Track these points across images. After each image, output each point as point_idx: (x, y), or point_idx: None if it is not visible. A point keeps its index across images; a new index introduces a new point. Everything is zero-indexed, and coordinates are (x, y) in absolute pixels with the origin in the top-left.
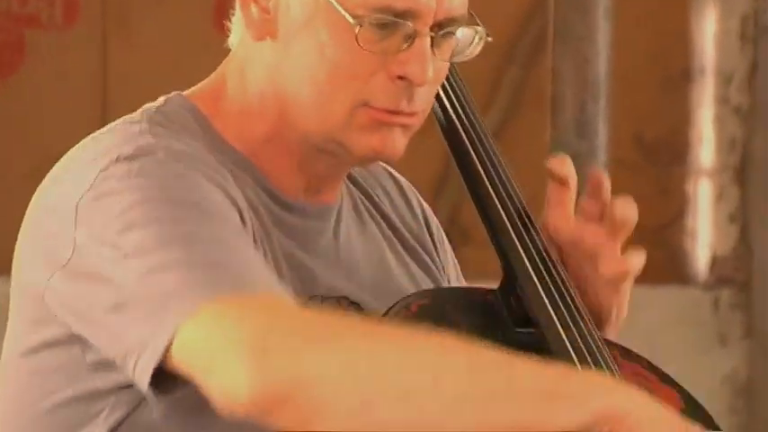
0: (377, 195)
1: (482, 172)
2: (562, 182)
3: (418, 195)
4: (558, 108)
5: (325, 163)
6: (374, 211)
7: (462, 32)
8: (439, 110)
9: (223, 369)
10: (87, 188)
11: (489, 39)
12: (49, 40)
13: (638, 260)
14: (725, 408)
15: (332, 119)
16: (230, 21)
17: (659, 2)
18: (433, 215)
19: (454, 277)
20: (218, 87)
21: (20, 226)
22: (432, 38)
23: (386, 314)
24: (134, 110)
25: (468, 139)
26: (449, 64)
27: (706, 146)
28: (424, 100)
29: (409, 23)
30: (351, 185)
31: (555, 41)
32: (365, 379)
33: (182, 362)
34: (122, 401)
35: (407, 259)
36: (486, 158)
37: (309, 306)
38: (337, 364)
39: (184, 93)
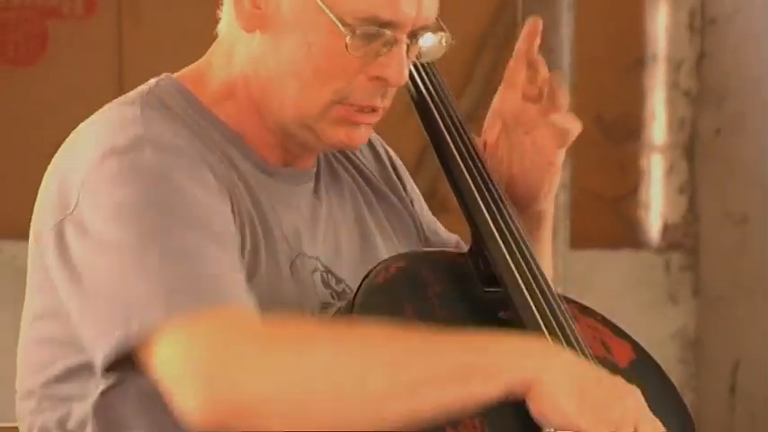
0: (353, 156)
1: (453, 147)
2: (530, 35)
3: (382, 141)
4: None
5: (297, 145)
6: (347, 164)
7: (431, 38)
8: (414, 90)
9: (179, 396)
10: (85, 174)
11: (453, 42)
12: (69, 30)
13: (572, 125)
14: (675, 359)
15: (309, 111)
16: (220, 9)
17: None
18: (396, 157)
19: (419, 208)
20: (205, 69)
21: None
22: (408, 44)
23: (367, 275)
24: None
25: (440, 115)
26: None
27: (658, 125)
28: (392, 96)
29: (389, 32)
30: (327, 153)
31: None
32: (297, 392)
33: (150, 367)
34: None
35: (378, 208)
36: (456, 135)
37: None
38: (272, 383)
39: (174, 75)
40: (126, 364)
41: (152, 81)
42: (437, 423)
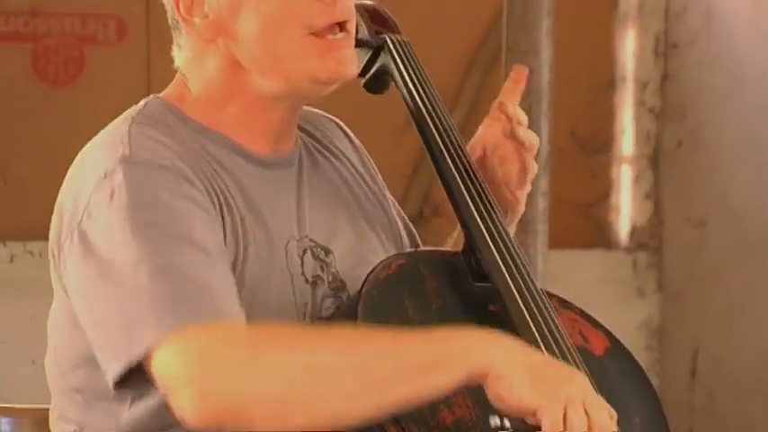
0: (329, 141)
1: (447, 157)
2: (515, 81)
3: (351, 133)
4: None
5: (281, 112)
6: (324, 151)
7: None
8: (411, 103)
9: (176, 400)
10: (86, 199)
11: None
12: (103, 54)
13: (533, 169)
14: (642, 347)
15: (289, 59)
16: (172, 53)
17: (589, 24)
18: (363, 148)
19: (389, 197)
20: (182, 87)
21: None
22: None
23: (371, 272)
24: None
25: (435, 127)
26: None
27: (626, 138)
28: (348, 8)
29: None
30: (303, 135)
31: (506, 55)
32: (279, 394)
33: (155, 377)
34: None
35: (359, 190)
36: (450, 144)
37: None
38: (257, 384)
39: (159, 94)
40: (138, 377)
41: (141, 102)
42: (432, 402)
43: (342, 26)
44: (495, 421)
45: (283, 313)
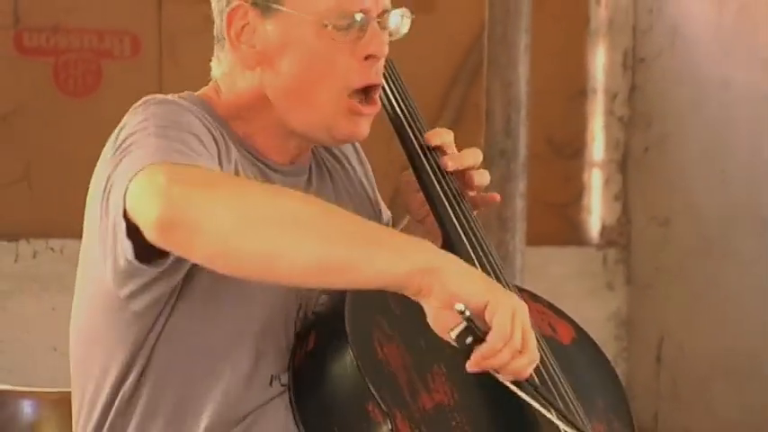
0: (334, 152)
1: (425, 162)
2: (487, 201)
3: (358, 147)
4: (490, 118)
5: (300, 142)
6: (332, 159)
7: (396, 15)
8: (392, 112)
9: (142, 214)
10: (116, 134)
11: (413, 16)
12: (119, 68)
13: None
14: (611, 336)
15: (321, 110)
16: (211, 63)
17: (564, 41)
18: (362, 152)
19: (373, 189)
20: (214, 92)
21: None
22: (378, 22)
23: None
24: None
25: (414, 134)
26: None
27: (597, 145)
28: (380, 72)
29: (360, 17)
30: (315, 149)
31: (488, 69)
32: (234, 213)
33: (130, 208)
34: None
35: (353, 192)
36: (426, 151)
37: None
38: (214, 203)
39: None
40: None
41: (176, 95)
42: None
43: (370, 94)
44: (457, 307)
45: (282, 305)
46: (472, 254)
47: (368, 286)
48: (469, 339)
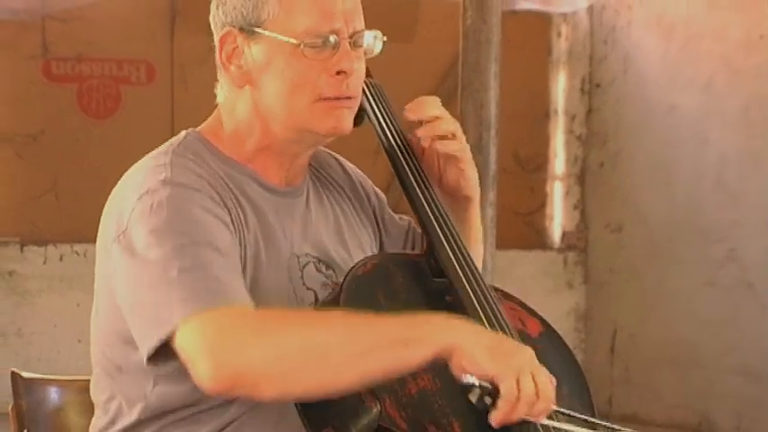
0: (329, 175)
1: (411, 178)
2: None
3: (356, 170)
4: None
5: (298, 150)
6: (329, 185)
7: (369, 36)
8: (381, 135)
9: (195, 369)
10: (131, 208)
11: (385, 38)
12: (136, 93)
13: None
14: (571, 329)
15: (300, 116)
16: (216, 90)
17: (528, 69)
18: (367, 181)
19: (381, 208)
20: (217, 123)
21: None
22: (350, 42)
23: (352, 268)
24: None
25: (400, 152)
26: (365, 62)
27: (559, 160)
28: (356, 85)
29: (332, 37)
30: (312, 173)
31: (462, 93)
32: (277, 365)
33: (180, 354)
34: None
35: (351, 217)
36: (413, 167)
37: (283, 270)
38: (263, 354)
39: (197, 129)
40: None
41: (182, 134)
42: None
43: (346, 95)
44: (467, 379)
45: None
46: (453, 260)
47: (406, 373)
48: (488, 399)
